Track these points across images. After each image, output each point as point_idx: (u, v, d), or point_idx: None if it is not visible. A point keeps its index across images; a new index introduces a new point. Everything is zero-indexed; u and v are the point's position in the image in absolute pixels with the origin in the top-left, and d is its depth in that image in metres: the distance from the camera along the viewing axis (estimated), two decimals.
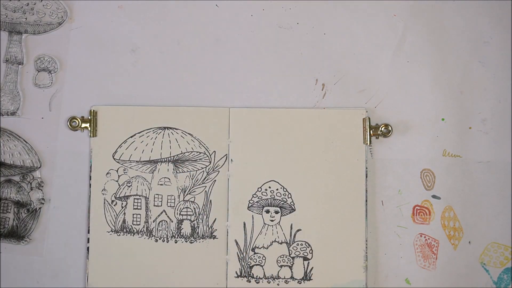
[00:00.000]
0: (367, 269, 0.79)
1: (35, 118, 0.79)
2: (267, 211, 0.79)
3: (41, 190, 0.78)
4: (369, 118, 0.79)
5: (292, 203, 0.79)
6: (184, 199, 0.78)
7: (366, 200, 0.79)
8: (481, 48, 0.81)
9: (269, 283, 0.79)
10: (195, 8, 0.80)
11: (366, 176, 0.79)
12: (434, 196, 0.81)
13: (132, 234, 0.78)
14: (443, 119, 0.81)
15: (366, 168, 0.79)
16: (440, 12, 0.81)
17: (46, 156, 0.79)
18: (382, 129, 0.79)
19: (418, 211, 0.81)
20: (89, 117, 0.78)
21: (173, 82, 0.80)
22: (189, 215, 0.78)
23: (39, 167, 0.78)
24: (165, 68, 0.80)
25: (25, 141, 0.78)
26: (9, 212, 0.77)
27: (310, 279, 0.79)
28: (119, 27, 0.80)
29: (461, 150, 0.81)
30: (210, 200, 0.78)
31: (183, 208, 0.78)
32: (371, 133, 0.79)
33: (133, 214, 0.78)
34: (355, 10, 0.81)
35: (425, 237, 0.80)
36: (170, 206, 0.78)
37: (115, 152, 0.78)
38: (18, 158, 0.77)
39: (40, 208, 0.78)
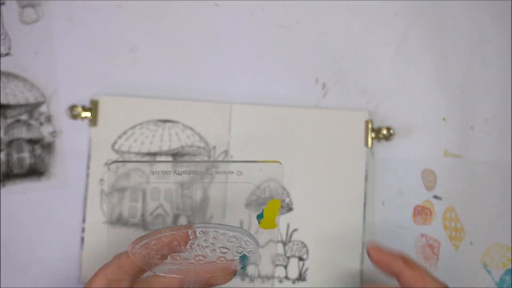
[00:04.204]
0: (362, 273, 0.78)
1: (29, 55, 0.79)
2: None
3: (51, 123, 0.78)
4: (371, 121, 0.79)
5: (289, 202, 0.78)
6: (182, 194, 0.78)
7: (365, 204, 0.78)
8: (483, 47, 0.81)
9: (263, 282, 0.78)
10: (195, 8, 0.80)
11: (366, 179, 0.78)
12: (435, 197, 0.80)
13: (127, 226, 0.77)
14: (444, 119, 0.81)
15: (366, 170, 0.78)
16: (441, 11, 0.81)
17: (48, 90, 0.79)
18: (384, 132, 0.79)
19: (419, 211, 0.80)
20: (90, 107, 0.78)
21: (174, 79, 0.80)
22: (186, 210, 0.78)
23: (44, 102, 0.78)
24: (165, 65, 0.80)
25: (25, 79, 0.78)
26: (24, 152, 0.77)
27: (304, 280, 0.78)
28: (118, 26, 0.80)
29: (462, 150, 0.80)
30: (208, 196, 0.78)
31: (180, 203, 0.78)
32: (373, 135, 0.79)
33: (129, 206, 0.77)
34: (355, 10, 0.81)
35: (426, 237, 0.79)
36: (168, 200, 0.78)
37: (115, 142, 0.78)
38: (22, 97, 0.78)
39: (53, 141, 0.78)
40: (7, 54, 0.79)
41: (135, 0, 0.80)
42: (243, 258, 0.64)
